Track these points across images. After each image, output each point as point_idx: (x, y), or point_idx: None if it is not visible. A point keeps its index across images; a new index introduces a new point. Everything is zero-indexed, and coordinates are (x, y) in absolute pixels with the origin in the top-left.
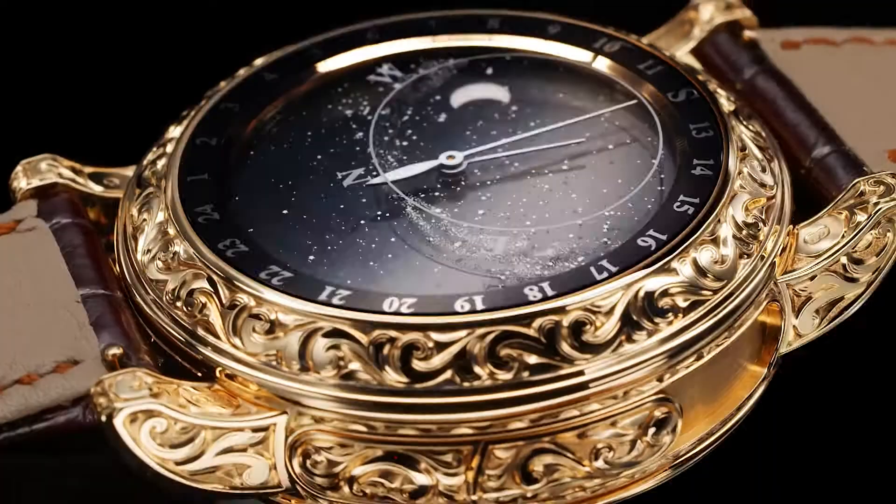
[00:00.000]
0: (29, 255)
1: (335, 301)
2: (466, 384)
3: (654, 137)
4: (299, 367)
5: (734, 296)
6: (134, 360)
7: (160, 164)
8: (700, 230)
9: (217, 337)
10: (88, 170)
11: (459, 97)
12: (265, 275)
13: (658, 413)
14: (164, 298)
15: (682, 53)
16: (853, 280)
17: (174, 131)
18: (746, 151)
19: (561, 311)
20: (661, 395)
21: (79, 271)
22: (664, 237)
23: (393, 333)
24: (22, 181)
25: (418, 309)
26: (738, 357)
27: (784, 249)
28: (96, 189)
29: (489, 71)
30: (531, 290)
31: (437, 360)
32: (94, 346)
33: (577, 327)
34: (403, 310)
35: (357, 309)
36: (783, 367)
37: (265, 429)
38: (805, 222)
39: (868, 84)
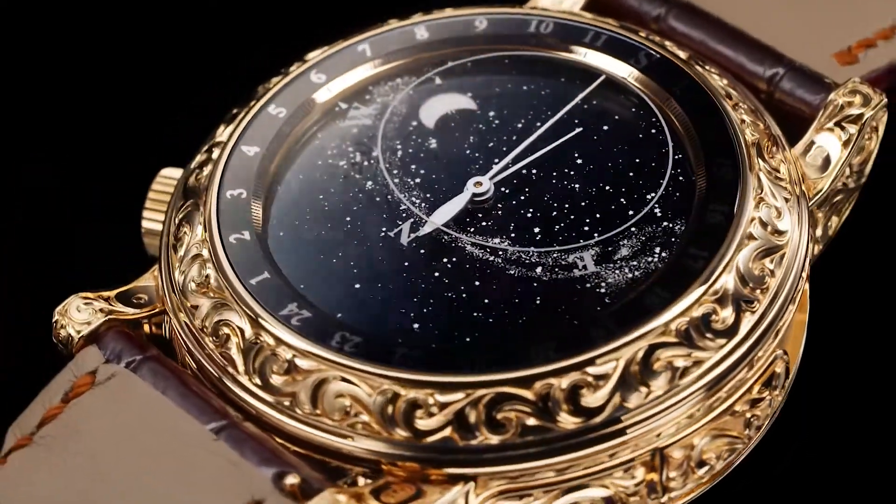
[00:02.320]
0: (127, 404)
1: (480, 367)
2: (632, 405)
3: (640, 108)
4: (475, 438)
5: (798, 238)
6: (314, 482)
7: (202, 272)
8: (750, 191)
9: (377, 433)
10: (111, 294)
11: (429, 117)
12: (397, 359)
13: (778, 369)
14: (300, 410)
15: (577, 9)
16: (855, 188)
17: (196, 233)
18: (732, 98)
19: (687, 311)
20: (776, 352)
21: (188, 405)
22: (728, 207)
23: (553, 381)
24: (70, 330)
25: (563, 351)
26: None
27: (801, 178)
28: (133, 312)
29: (438, 81)
30: (648, 298)
31: (602, 393)
32: (265, 480)
33: (706, 320)
34: (551, 355)
35: (508, 368)
36: None
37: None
38: (798, 145)
39: None
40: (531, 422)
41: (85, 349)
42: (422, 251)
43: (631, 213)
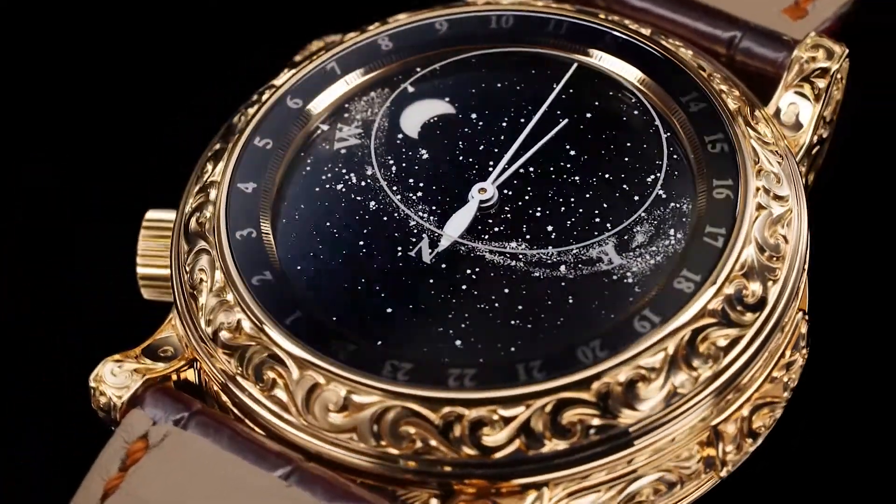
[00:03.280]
0: (186, 463)
1: (536, 376)
2: (686, 390)
3: (619, 91)
4: (543, 446)
5: (797, 198)
6: None
7: (230, 317)
8: (749, 161)
9: (445, 455)
10: (138, 351)
11: (412, 127)
12: (453, 381)
13: (803, 329)
14: (363, 443)
15: None
16: (828, 137)
17: (214, 278)
18: (705, 69)
19: (720, 290)
20: (798, 314)
21: (248, 454)
22: (733, 182)
23: (609, 380)
24: (111, 397)
25: (611, 350)
26: None
27: (782, 137)
28: (163, 367)
29: (411, 90)
30: (679, 283)
31: (657, 384)
32: None
33: (739, 296)
34: (600, 355)
35: (562, 374)
36: None
37: None
38: (770, 105)
39: None
40: (595, 422)
41: (129, 413)
42: (444, 266)
43: (637, 198)
